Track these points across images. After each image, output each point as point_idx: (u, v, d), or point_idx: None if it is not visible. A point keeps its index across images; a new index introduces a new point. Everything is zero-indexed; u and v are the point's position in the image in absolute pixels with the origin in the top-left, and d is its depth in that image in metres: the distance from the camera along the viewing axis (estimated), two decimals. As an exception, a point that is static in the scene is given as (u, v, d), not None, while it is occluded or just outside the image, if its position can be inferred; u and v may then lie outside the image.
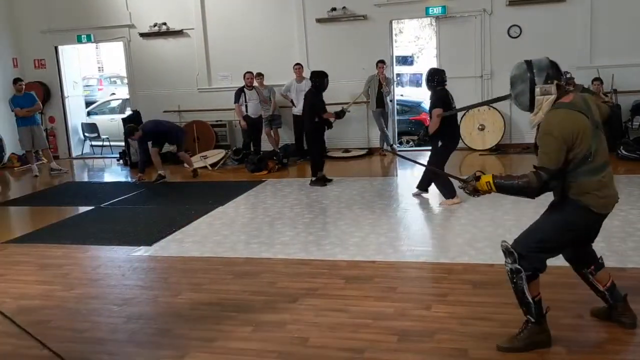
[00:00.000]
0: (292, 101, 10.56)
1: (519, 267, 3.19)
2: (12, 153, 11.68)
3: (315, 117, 8.16)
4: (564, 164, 3.08)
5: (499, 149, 10.30)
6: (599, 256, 3.53)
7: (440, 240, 5.74)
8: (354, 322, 3.79)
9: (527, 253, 3.19)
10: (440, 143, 6.86)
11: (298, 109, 10.41)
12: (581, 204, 3.15)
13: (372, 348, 3.45)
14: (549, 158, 3.07)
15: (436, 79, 6.90)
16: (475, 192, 3.28)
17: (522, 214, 6.21)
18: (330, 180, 8.33)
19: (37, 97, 10.70)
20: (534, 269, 3.21)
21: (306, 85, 10.36)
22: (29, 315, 4.19)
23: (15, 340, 3.82)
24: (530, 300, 3.22)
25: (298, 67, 10.42)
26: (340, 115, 8.38)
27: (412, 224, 6.43)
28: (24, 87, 10.59)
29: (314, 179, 8.29)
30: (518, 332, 3.31)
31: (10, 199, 8.81)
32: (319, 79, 8.21)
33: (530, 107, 3.20)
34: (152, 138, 9.21)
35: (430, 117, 6.89)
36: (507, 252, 3.24)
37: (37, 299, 4.53)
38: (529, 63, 3.19)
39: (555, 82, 3.12)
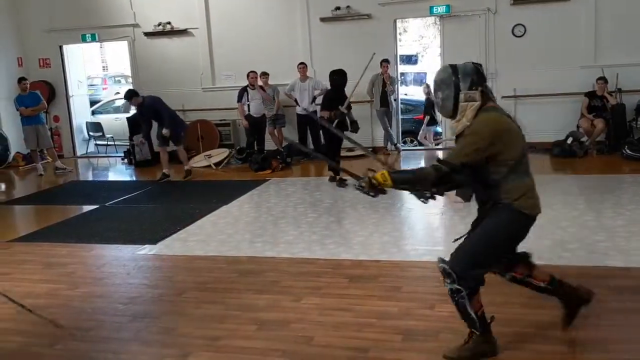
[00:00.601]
0: (296, 100, 10.56)
1: (458, 287, 3.09)
2: (17, 152, 11.72)
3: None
4: (492, 164, 3.02)
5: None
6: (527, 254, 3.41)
7: (445, 239, 5.71)
8: (358, 322, 3.79)
9: (466, 272, 3.09)
10: None
11: (302, 108, 10.43)
12: (515, 207, 3.06)
13: (377, 347, 3.45)
14: (458, 154, 3.03)
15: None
16: (372, 188, 3.11)
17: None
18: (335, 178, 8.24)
19: (41, 96, 10.74)
20: (474, 286, 3.13)
21: (310, 84, 10.39)
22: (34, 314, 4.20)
23: (21, 338, 3.84)
24: (474, 316, 3.15)
25: (302, 66, 10.42)
26: (337, 115, 8.14)
27: (416, 223, 6.44)
28: (28, 86, 10.62)
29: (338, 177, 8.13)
30: (464, 342, 3.25)
31: (15, 198, 8.84)
32: (332, 76, 8.17)
33: (454, 113, 3.10)
34: (148, 112, 9.14)
35: None
36: (444, 272, 3.14)
37: (43, 297, 4.55)
38: (454, 67, 3.09)
39: (480, 88, 3.04)
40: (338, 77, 8.09)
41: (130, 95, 9.17)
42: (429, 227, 6.30)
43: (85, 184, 10.06)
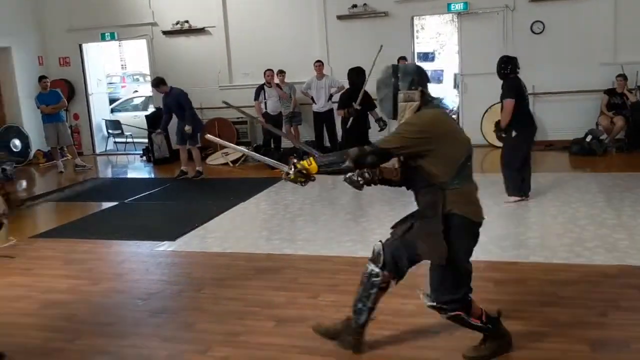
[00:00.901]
0: (312, 98, 10.58)
1: (455, 313, 3.08)
2: (38, 150, 11.87)
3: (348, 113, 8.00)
4: (430, 163, 2.92)
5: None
6: None
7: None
8: (376, 319, 3.79)
9: (453, 298, 3.05)
10: (514, 133, 6.44)
11: (318, 106, 10.45)
12: (464, 217, 2.97)
13: (394, 344, 3.46)
14: (387, 140, 2.96)
15: (509, 67, 6.53)
16: (299, 173, 3.01)
17: (546, 212, 6.18)
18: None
19: (62, 95, 10.87)
20: (466, 304, 3.10)
21: (326, 82, 10.40)
22: (56, 309, 4.28)
23: (43, 333, 3.91)
24: (480, 324, 3.16)
25: (318, 64, 10.43)
26: (351, 112, 8.13)
27: (433, 221, 6.41)
28: (49, 84, 10.76)
29: None
30: (480, 342, 3.26)
31: (36, 195, 8.96)
32: (350, 75, 8.08)
33: (394, 114, 3.04)
34: (171, 103, 9.23)
35: (502, 108, 6.53)
36: (436, 309, 3.13)
37: (64, 293, 4.62)
38: (394, 67, 3.04)
39: (420, 89, 2.97)
40: (356, 75, 7.98)
41: (157, 82, 9.29)
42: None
43: (105, 181, 10.17)
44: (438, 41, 17.25)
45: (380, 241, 3.28)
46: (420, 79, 2.99)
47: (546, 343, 3.40)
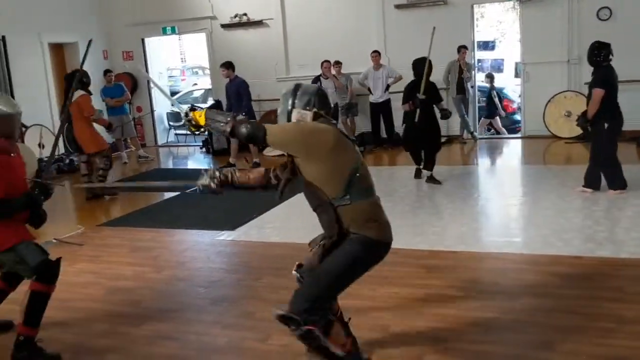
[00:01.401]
0: (369, 89, 10.52)
1: (311, 328, 2.75)
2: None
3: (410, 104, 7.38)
4: (321, 175, 2.77)
5: (586, 137, 9.83)
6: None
7: (524, 231, 5.56)
8: (436, 312, 3.76)
9: (308, 306, 2.77)
10: (606, 125, 6.13)
11: (375, 97, 10.39)
12: (360, 236, 2.79)
13: (457, 338, 3.42)
14: (272, 125, 2.80)
15: (602, 53, 6.19)
16: (189, 122, 2.94)
17: (613, 205, 5.95)
18: (418, 175, 7.67)
19: (126, 88, 11.20)
20: (322, 317, 2.82)
21: (383, 72, 10.31)
22: (123, 296, 4.43)
23: (110, 318, 4.05)
24: (339, 353, 2.84)
25: (375, 54, 10.34)
26: (416, 104, 7.41)
27: (494, 214, 6.29)
28: (113, 78, 11.11)
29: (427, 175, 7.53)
30: None
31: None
32: (415, 65, 7.46)
33: None
34: (230, 90, 9.52)
35: (589, 97, 6.23)
36: (285, 319, 2.81)
37: (130, 280, 4.78)
38: (296, 86, 2.96)
39: (314, 110, 2.86)
40: (421, 66, 7.38)
41: (228, 65, 9.55)
42: (507, 217, 6.13)
43: (167, 172, 10.42)
44: (498, 29, 16.83)
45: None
46: (318, 100, 2.90)
47: (611, 339, 3.29)
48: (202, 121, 2.92)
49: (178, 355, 3.48)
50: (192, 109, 2.96)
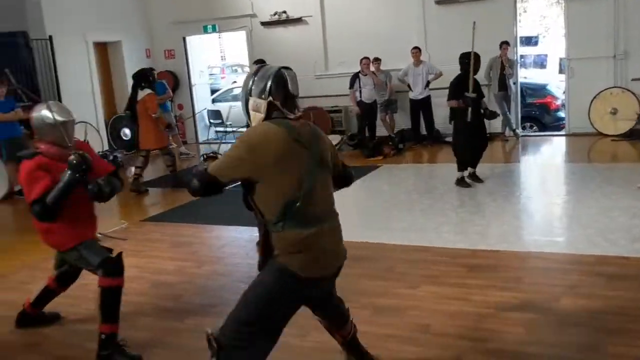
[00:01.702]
0: (409, 85, 10.44)
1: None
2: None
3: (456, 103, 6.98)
4: (257, 195, 2.45)
5: (632, 135, 9.55)
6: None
7: (568, 230, 5.44)
8: (477, 312, 3.71)
9: (230, 342, 2.45)
10: None
11: (415, 93, 10.31)
12: (280, 263, 2.44)
13: (497, 339, 3.36)
14: (214, 164, 2.49)
15: None
16: None
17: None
18: (464, 183, 7.11)
19: (167, 86, 11.38)
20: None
21: (424, 69, 10.21)
22: (166, 290, 4.52)
23: (156, 312, 4.13)
24: None
25: (415, 50, 10.25)
26: (468, 102, 6.99)
27: (536, 212, 6.17)
28: (156, 76, 11.29)
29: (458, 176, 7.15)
30: None
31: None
32: (462, 60, 7.10)
33: (251, 122, 2.59)
34: None
35: None
36: (208, 343, 2.50)
37: (172, 274, 4.86)
38: (258, 69, 2.59)
39: (270, 99, 2.48)
40: (468, 61, 7.01)
41: (259, 63, 9.52)
42: (551, 216, 6.00)
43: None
44: (542, 24, 16.47)
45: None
46: (276, 87, 2.49)
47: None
48: None
49: (219, 350, 3.52)
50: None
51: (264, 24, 12.07)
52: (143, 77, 8.04)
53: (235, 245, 5.65)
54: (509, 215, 5.87)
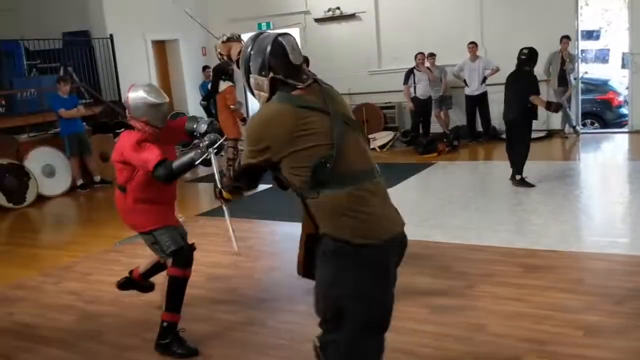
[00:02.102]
0: (464, 81, 10.27)
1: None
2: (201, 134, 12.74)
3: (527, 100, 6.65)
4: (290, 170, 2.17)
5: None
6: None
7: (632, 231, 5.23)
8: (535, 313, 3.62)
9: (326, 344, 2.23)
10: None
11: (471, 89, 10.13)
12: (335, 237, 2.12)
13: (555, 341, 3.27)
14: (244, 155, 2.29)
15: None
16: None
17: None
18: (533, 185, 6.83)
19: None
20: None
21: (480, 64, 10.02)
22: (221, 283, 4.61)
23: (209, 305, 4.22)
24: None
25: (472, 45, 10.07)
26: (550, 106, 6.97)
27: (597, 212, 5.97)
28: (210, 73, 11.49)
29: (518, 177, 6.84)
30: None
31: (199, 176, 9.66)
32: (533, 53, 6.83)
33: (261, 103, 2.32)
34: None
35: None
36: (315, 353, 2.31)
37: (228, 268, 4.95)
38: (257, 35, 2.29)
39: (271, 75, 2.20)
40: (532, 53, 6.85)
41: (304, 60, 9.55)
42: (612, 216, 5.78)
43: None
44: (604, 18, 15.88)
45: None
46: (275, 60, 2.20)
47: None
48: (228, 196, 2.88)
49: (271, 344, 3.56)
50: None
51: (317, 20, 12.10)
52: (223, 70, 8.30)
53: (290, 241, 5.65)
54: (568, 214, 5.70)
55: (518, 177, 6.83)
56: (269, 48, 2.21)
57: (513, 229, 5.34)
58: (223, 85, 8.13)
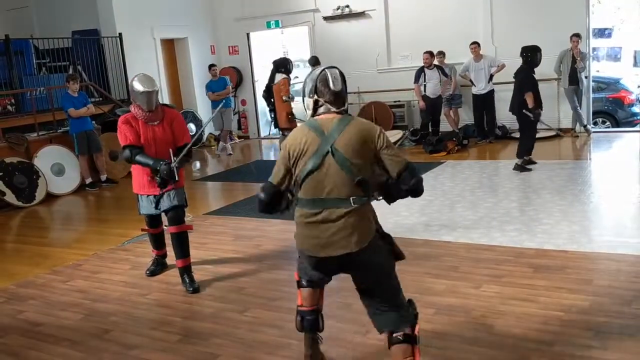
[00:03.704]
0: (471, 80, 10.21)
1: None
2: (210, 133, 12.77)
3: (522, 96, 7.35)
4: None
5: None
6: (399, 330, 2.81)
7: (643, 231, 5.18)
8: (544, 314, 3.58)
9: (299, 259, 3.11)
10: None
11: (478, 88, 10.06)
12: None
13: (564, 342, 3.24)
14: (273, 171, 2.88)
15: None
16: None
17: None
18: (535, 163, 7.78)
19: (228, 82, 11.57)
20: (300, 278, 3.13)
21: (485, 63, 9.94)
22: (228, 282, 4.60)
23: (217, 303, 4.21)
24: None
25: (474, 46, 9.98)
26: (533, 110, 7.43)
27: (608, 212, 5.90)
28: (218, 72, 11.53)
29: (518, 162, 7.62)
30: None
31: (208, 175, 9.69)
32: (531, 53, 7.36)
33: None
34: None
35: None
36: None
37: (234, 267, 4.94)
38: (309, 73, 2.92)
39: (315, 97, 2.80)
40: (531, 53, 7.35)
41: (314, 63, 9.49)
42: (624, 216, 5.71)
43: (269, 164, 10.64)
44: (616, 16, 15.73)
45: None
46: (322, 87, 2.78)
47: None
48: None
49: (279, 343, 3.55)
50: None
51: (326, 18, 12.08)
52: (282, 64, 8.74)
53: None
54: (578, 214, 5.64)
55: (518, 161, 7.58)
56: (317, 77, 2.81)
57: (522, 229, 5.29)
58: (278, 77, 8.47)
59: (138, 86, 4.36)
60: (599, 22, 14.54)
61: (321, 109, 2.80)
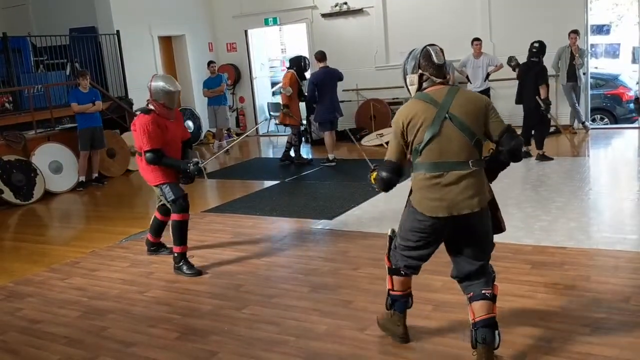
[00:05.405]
0: (467, 77, 10.19)
1: (387, 257, 3.29)
2: (208, 130, 12.75)
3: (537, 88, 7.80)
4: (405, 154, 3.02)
5: None
6: (483, 289, 3.10)
7: (640, 227, 5.19)
8: (541, 310, 3.59)
9: (394, 248, 3.25)
10: None
11: (474, 86, 10.04)
12: (411, 202, 3.06)
13: (562, 338, 3.24)
14: (389, 150, 3.07)
15: None
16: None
17: None
18: (530, 156, 8.12)
19: (224, 79, 11.55)
20: (395, 266, 3.25)
21: (484, 61, 9.92)
22: (226, 279, 4.60)
23: (214, 301, 4.21)
24: (388, 294, 3.32)
25: (477, 42, 9.95)
26: (544, 102, 7.86)
27: (606, 209, 5.91)
28: (216, 69, 11.52)
29: (540, 152, 8.10)
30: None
31: (208, 172, 9.63)
32: (543, 46, 7.83)
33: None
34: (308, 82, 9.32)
35: None
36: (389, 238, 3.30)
37: (233, 264, 4.94)
38: (412, 51, 3.07)
39: (420, 72, 2.99)
40: (540, 45, 7.84)
41: (321, 57, 9.23)
42: (622, 213, 5.73)
43: (267, 161, 10.68)
44: (615, 12, 15.74)
45: None
46: (426, 62, 2.98)
47: None
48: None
49: (277, 340, 3.55)
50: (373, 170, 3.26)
51: (324, 15, 12.06)
52: (294, 61, 9.08)
53: (295, 237, 5.68)
54: (576, 211, 5.65)
55: (540, 152, 8.04)
56: (420, 54, 3.00)
57: (520, 226, 5.29)
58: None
59: (165, 86, 4.68)
60: (598, 18, 14.55)
61: (425, 83, 2.99)
